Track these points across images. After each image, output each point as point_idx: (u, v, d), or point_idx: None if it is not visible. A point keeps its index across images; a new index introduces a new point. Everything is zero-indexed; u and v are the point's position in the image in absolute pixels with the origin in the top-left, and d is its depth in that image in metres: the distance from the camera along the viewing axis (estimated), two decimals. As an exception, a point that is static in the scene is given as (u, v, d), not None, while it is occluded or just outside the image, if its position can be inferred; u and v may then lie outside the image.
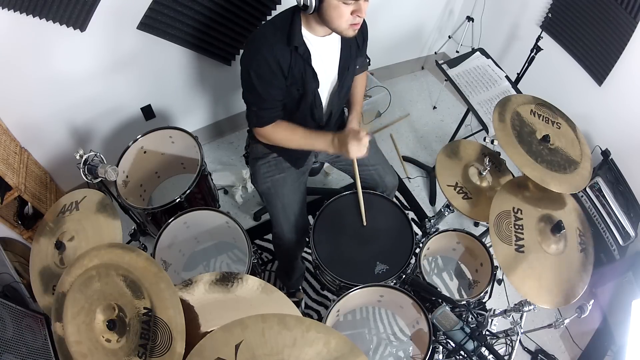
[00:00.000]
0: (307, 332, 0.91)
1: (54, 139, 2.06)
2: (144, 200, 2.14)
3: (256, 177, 1.63)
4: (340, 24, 1.21)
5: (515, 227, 1.34)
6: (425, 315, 1.36)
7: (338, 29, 1.23)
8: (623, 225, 1.90)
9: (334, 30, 1.26)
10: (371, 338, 1.92)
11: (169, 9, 1.84)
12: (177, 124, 2.22)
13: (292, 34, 1.27)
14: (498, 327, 1.46)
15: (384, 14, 2.59)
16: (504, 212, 1.37)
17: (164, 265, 1.63)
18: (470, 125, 2.56)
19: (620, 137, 2.03)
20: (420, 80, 3.22)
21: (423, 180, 2.64)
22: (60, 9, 1.61)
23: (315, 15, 1.24)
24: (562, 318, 1.33)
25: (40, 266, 1.40)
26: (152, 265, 1.06)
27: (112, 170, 1.53)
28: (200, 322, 1.16)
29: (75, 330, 1.05)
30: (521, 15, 2.48)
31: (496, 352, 1.13)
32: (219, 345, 0.91)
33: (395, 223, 1.61)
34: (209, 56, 2.14)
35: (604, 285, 1.94)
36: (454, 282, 2.07)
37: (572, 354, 2.03)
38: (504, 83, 2.08)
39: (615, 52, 1.98)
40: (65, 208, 1.47)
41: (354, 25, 1.21)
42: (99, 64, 1.90)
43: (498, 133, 1.44)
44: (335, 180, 2.57)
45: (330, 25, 1.23)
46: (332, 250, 1.52)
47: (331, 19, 1.20)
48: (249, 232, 1.62)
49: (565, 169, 1.41)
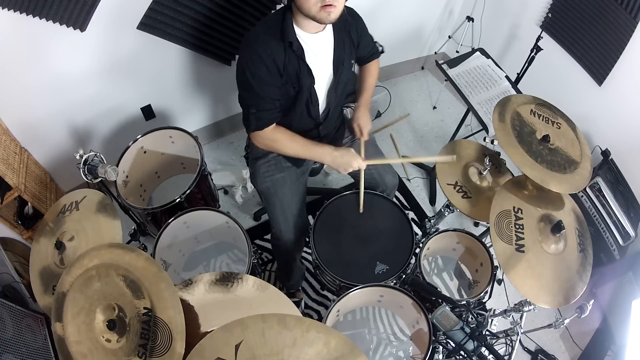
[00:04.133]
0: (307, 332, 0.91)
1: (54, 139, 2.06)
2: (144, 200, 2.14)
3: (256, 176, 1.63)
4: (310, 7, 1.19)
5: (516, 226, 1.34)
6: (425, 315, 1.36)
7: (309, 13, 1.21)
8: (623, 225, 1.90)
9: (310, 17, 1.23)
10: (371, 338, 1.92)
11: (169, 9, 1.84)
12: (177, 124, 2.22)
13: (285, 30, 1.28)
14: (498, 327, 1.46)
15: (384, 14, 2.59)
16: (505, 211, 1.36)
17: (164, 265, 1.63)
18: (470, 125, 2.56)
19: (620, 137, 2.02)
20: (420, 80, 3.22)
21: (423, 180, 2.64)
22: (60, 9, 1.61)
23: (297, 10, 1.25)
24: (562, 318, 1.33)
25: (40, 266, 1.40)
26: (152, 265, 1.06)
27: (112, 170, 1.53)
28: (200, 322, 1.16)
29: (75, 330, 1.05)
30: (521, 15, 2.48)
31: (496, 352, 1.13)
32: (219, 345, 0.91)
33: (395, 223, 1.61)
34: (209, 56, 2.14)
35: (604, 285, 1.94)
36: (454, 282, 2.07)
37: (572, 354, 2.03)
38: (504, 83, 2.08)
39: (615, 52, 1.98)
40: (65, 208, 1.47)
41: (325, 7, 1.18)
42: (99, 64, 1.90)
43: (498, 133, 1.44)
44: (335, 180, 2.57)
45: (302, 11, 1.22)
46: (332, 250, 1.52)
47: (301, 5, 1.20)
48: (249, 232, 1.62)
49: (565, 169, 1.41)
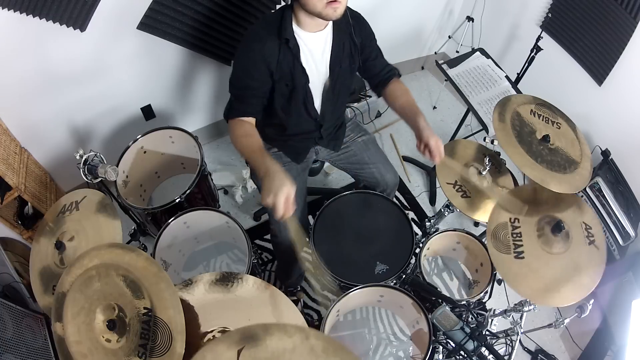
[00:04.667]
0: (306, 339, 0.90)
1: (54, 139, 2.06)
2: (144, 200, 2.14)
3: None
4: (315, 4, 1.19)
5: (513, 235, 1.34)
6: (425, 315, 1.36)
7: (315, 10, 1.21)
8: (623, 225, 1.90)
9: (313, 14, 1.24)
10: (371, 338, 1.92)
11: (169, 9, 1.84)
12: (177, 124, 2.22)
13: (282, 27, 1.30)
14: (498, 327, 1.46)
15: (384, 14, 2.58)
16: (501, 224, 1.36)
17: (164, 265, 1.63)
18: (470, 125, 2.56)
19: (620, 137, 2.02)
20: (420, 80, 3.22)
21: (423, 180, 2.64)
22: (60, 9, 1.60)
23: (299, 6, 1.25)
24: (562, 318, 1.33)
25: (40, 266, 1.40)
26: (152, 265, 1.06)
27: (112, 170, 1.53)
28: (200, 322, 1.16)
29: (75, 330, 1.04)
30: (521, 15, 2.48)
31: (496, 352, 1.13)
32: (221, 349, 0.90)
33: (395, 223, 1.61)
34: (208, 56, 2.14)
35: (604, 285, 1.94)
36: (454, 282, 2.07)
37: (572, 354, 2.03)
38: (504, 83, 2.08)
39: (615, 52, 1.98)
40: (65, 208, 1.47)
41: (330, 3, 1.19)
42: (99, 64, 1.90)
43: (498, 133, 1.43)
44: (335, 180, 2.57)
45: (307, 7, 1.22)
46: (332, 250, 1.52)
47: (306, 2, 1.20)
48: (249, 232, 1.62)
49: (565, 169, 1.41)
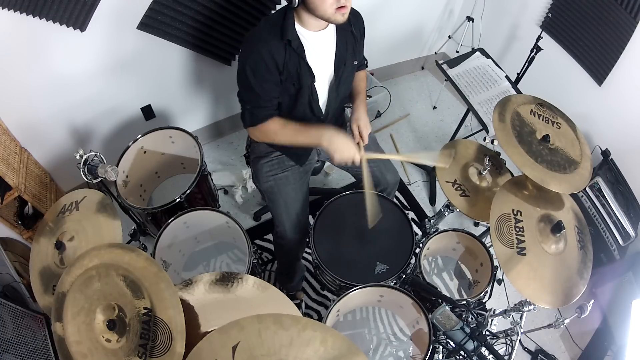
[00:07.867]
0: (303, 331, 0.91)
1: (54, 139, 2.06)
2: (144, 200, 2.14)
3: (258, 175, 1.63)
4: (326, 9, 1.20)
5: (517, 229, 1.34)
6: (425, 315, 1.36)
7: (324, 15, 1.22)
8: (623, 225, 1.90)
9: (322, 18, 1.25)
10: (371, 338, 1.92)
11: (169, 9, 1.84)
12: (177, 124, 2.22)
13: (285, 28, 1.29)
14: (498, 327, 1.46)
15: (384, 14, 2.58)
16: (504, 214, 1.36)
17: (164, 265, 1.63)
18: (470, 125, 2.56)
19: (620, 137, 2.02)
20: (420, 80, 3.22)
21: (423, 180, 2.64)
22: (60, 9, 1.61)
23: (304, 8, 1.25)
24: (562, 318, 1.33)
25: (40, 266, 1.40)
26: (152, 265, 1.06)
27: (112, 170, 1.53)
28: (200, 322, 1.16)
29: (75, 330, 1.05)
30: (521, 15, 2.48)
31: (496, 352, 1.13)
32: (216, 347, 0.91)
33: (395, 223, 1.61)
34: (209, 56, 2.14)
35: (604, 285, 1.94)
36: (454, 282, 2.07)
37: (572, 354, 2.03)
38: (504, 83, 2.08)
39: (615, 52, 1.98)
40: (65, 208, 1.47)
41: (340, 8, 1.20)
42: (99, 64, 1.90)
43: (498, 133, 1.44)
44: (335, 180, 2.57)
45: (317, 12, 1.22)
46: (332, 250, 1.52)
47: (316, 6, 1.20)
48: (249, 232, 1.62)
49: (565, 169, 1.41)
